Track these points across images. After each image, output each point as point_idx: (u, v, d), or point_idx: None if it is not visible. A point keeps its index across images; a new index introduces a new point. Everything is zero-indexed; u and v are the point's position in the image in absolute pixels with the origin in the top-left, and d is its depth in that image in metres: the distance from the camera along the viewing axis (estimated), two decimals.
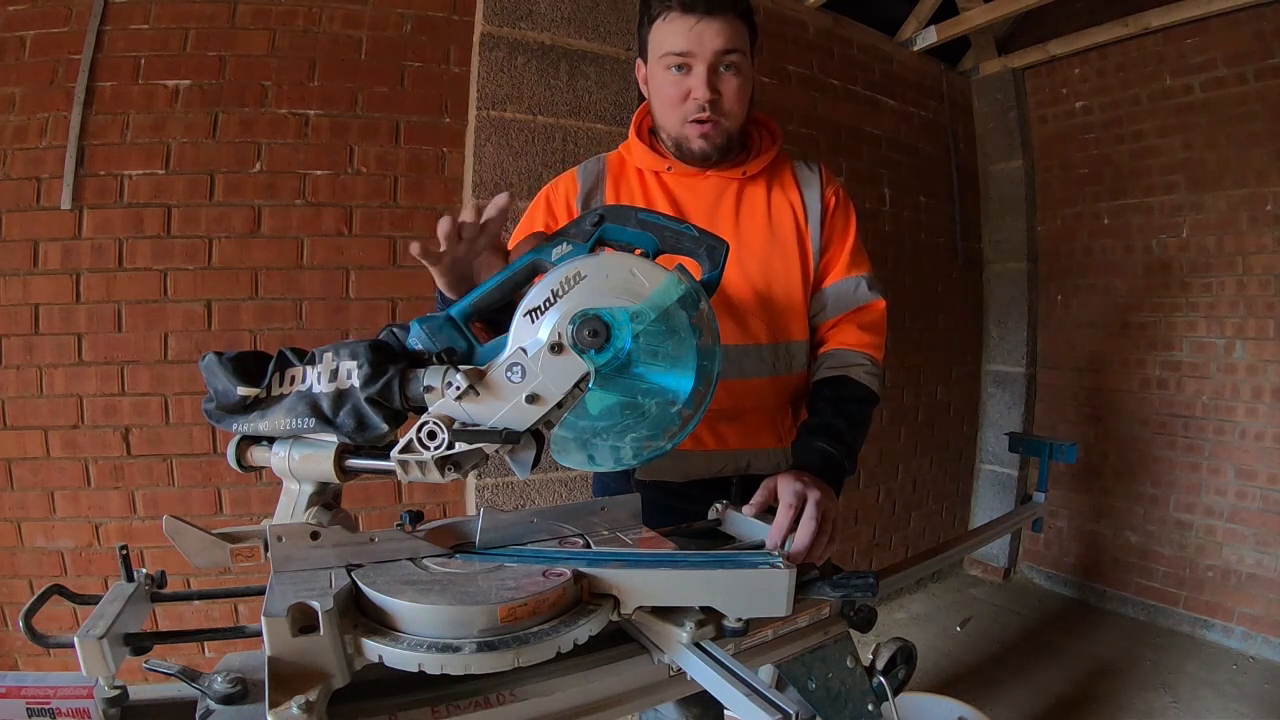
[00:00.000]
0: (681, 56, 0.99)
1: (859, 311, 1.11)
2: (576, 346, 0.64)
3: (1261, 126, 2.60)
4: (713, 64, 0.99)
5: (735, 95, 1.02)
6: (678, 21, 0.98)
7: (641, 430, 0.71)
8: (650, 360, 0.68)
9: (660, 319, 0.67)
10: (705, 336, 0.69)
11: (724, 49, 0.98)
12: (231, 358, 0.67)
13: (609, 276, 0.66)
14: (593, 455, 0.72)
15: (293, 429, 0.66)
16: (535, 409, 0.65)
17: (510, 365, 0.64)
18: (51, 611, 0.65)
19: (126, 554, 0.66)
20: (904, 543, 3.20)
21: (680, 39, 0.98)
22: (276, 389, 0.67)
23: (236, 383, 0.66)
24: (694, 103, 1.01)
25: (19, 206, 1.80)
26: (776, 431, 1.13)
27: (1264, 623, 2.59)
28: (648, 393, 0.69)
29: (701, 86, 0.99)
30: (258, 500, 1.95)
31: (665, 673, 0.68)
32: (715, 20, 0.97)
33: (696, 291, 0.69)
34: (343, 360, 0.66)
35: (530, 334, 0.66)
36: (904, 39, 3.08)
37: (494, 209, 0.76)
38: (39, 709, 0.56)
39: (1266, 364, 2.64)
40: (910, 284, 3.08)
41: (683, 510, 0.97)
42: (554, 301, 0.65)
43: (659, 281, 0.67)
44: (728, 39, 0.98)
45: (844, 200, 1.15)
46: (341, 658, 0.54)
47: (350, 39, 1.99)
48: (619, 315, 0.65)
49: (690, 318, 0.68)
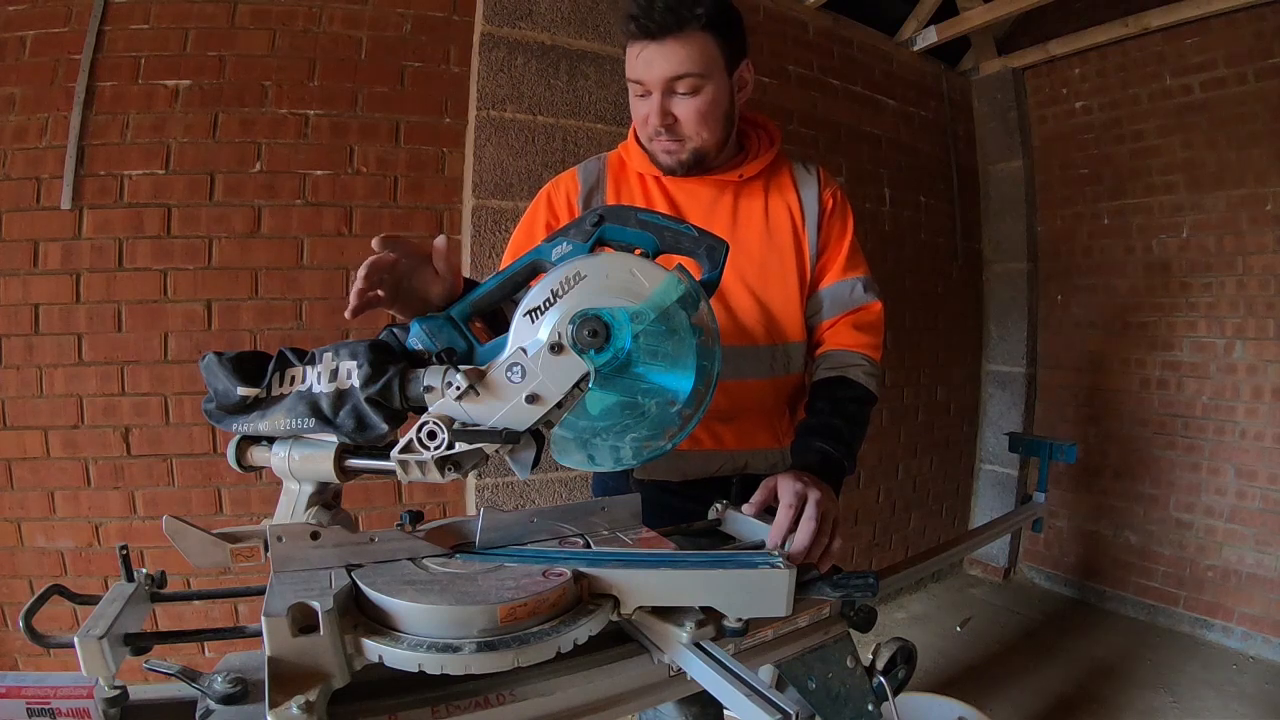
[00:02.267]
0: (638, 84, 1.00)
1: (856, 313, 1.12)
2: (576, 346, 0.64)
3: (1261, 126, 2.60)
4: (664, 89, 0.98)
5: (694, 117, 0.99)
6: (634, 47, 0.98)
7: (642, 430, 0.71)
8: (650, 360, 0.68)
9: (660, 319, 0.67)
10: (705, 336, 0.69)
11: (672, 75, 0.96)
12: (231, 358, 0.67)
13: (609, 276, 0.66)
14: (592, 455, 0.72)
15: (292, 429, 0.66)
16: (535, 409, 0.64)
17: (510, 365, 0.64)
18: (51, 611, 0.65)
19: (126, 554, 0.66)
20: (904, 543, 3.20)
21: (634, 65, 0.98)
22: (276, 389, 0.67)
23: (236, 383, 0.66)
24: (651, 127, 1.01)
25: (19, 206, 1.80)
26: (774, 432, 1.13)
27: (1264, 623, 2.59)
28: (648, 393, 0.69)
29: (655, 113, 0.99)
30: (258, 500, 1.95)
31: (665, 673, 0.68)
32: (665, 44, 0.94)
33: (696, 291, 0.69)
34: (343, 360, 0.66)
35: (530, 334, 0.66)
36: (904, 39, 3.08)
37: (376, 243, 0.72)
38: (39, 709, 0.56)
39: (1266, 364, 2.64)
40: (910, 284, 3.08)
41: (682, 509, 0.97)
42: (554, 301, 0.65)
43: (659, 281, 0.67)
44: (677, 63, 0.95)
45: (842, 202, 1.15)
46: (341, 658, 0.54)
47: (350, 39, 1.99)
48: (619, 315, 0.65)
49: (690, 317, 0.68)
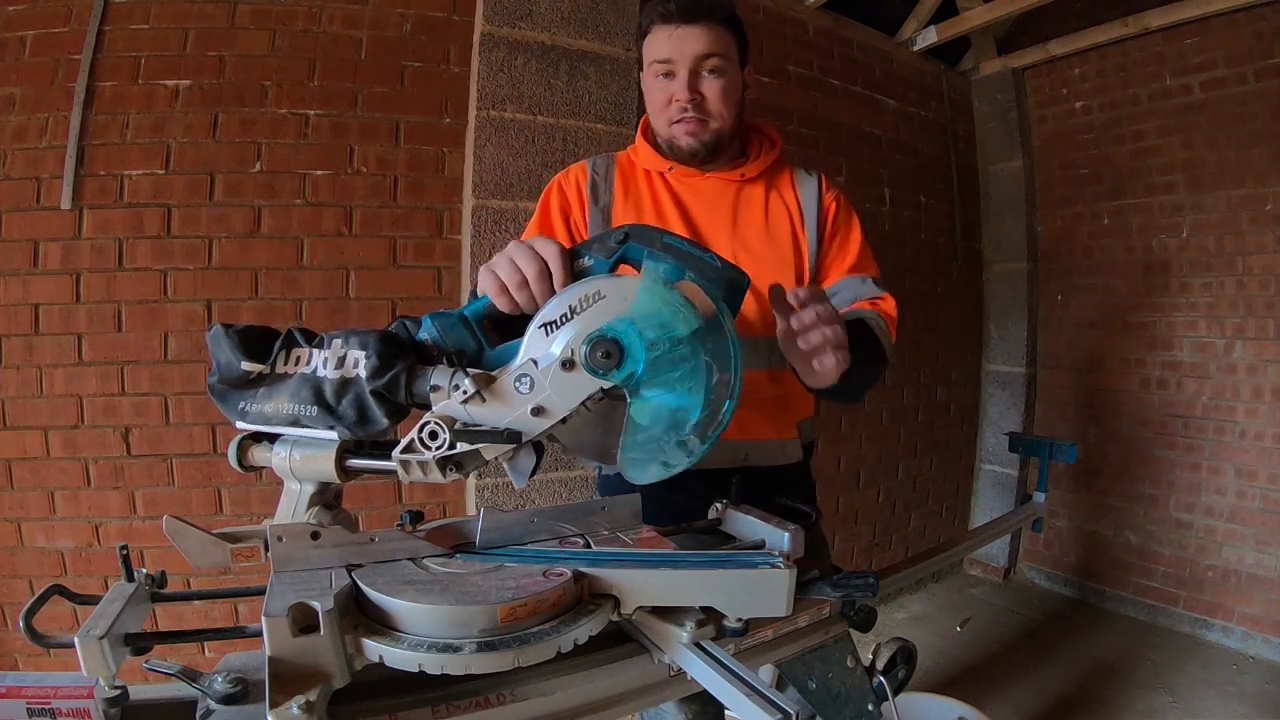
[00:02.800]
0: (665, 64, 1.05)
1: (868, 300, 1.13)
2: (588, 366, 0.64)
3: (1261, 126, 2.60)
4: (693, 68, 1.04)
5: (719, 96, 1.06)
6: (660, 31, 1.05)
7: (696, 415, 0.68)
8: (660, 386, 0.67)
9: (675, 346, 0.66)
10: (720, 371, 0.67)
11: (703, 53, 1.03)
12: (239, 330, 0.67)
13: (628, 299, 0.66)
14: (666, 461, 0.70)
15: (295, 414, 0.66)
16: (539, 421, 0.64)
17: (520, 375, 0.64)
18: (51, 611, 0.64)
19: (126, 554, 0.66)
20: (904, 543, 3.20)
21: (663, 46, 1.05)
22: (281, 367, 0.67)
23: (241, 356, 0.66)
24: (676, 105, 1.06)
25: (19, 206, 1.80)
26: (774, 424, 1.14)
27: (1264, 623, 2.59)
28: (681, 381, 0.67)
29: (682, 89, 1.05)
30: (258, 500, 1.95)
31: (665, 673, 0.68)
32: (694, 27, 1.03)
33: (716, 323, 0.68)
34: (352, 349, 0.65)
35: (543, 347, 0.65)
36: (904, 39, 3.08)
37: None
38: (39, 709, 0.56)
39: (1266, 364, 2.64)
40: (910, 284, 3.08)
41: (683, 507, 0.97)
42: (570, 317, 0.65)
43: (677, 310, 0.66)
44: (707, 44, 1.03)
45: (845, 206, 1.18)
46: (341, 658, 0.54)
47: (350, 39, 1.99)
48: (634, 340, 0.65)
49: (705, 350, 0.67)
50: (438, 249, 2.06)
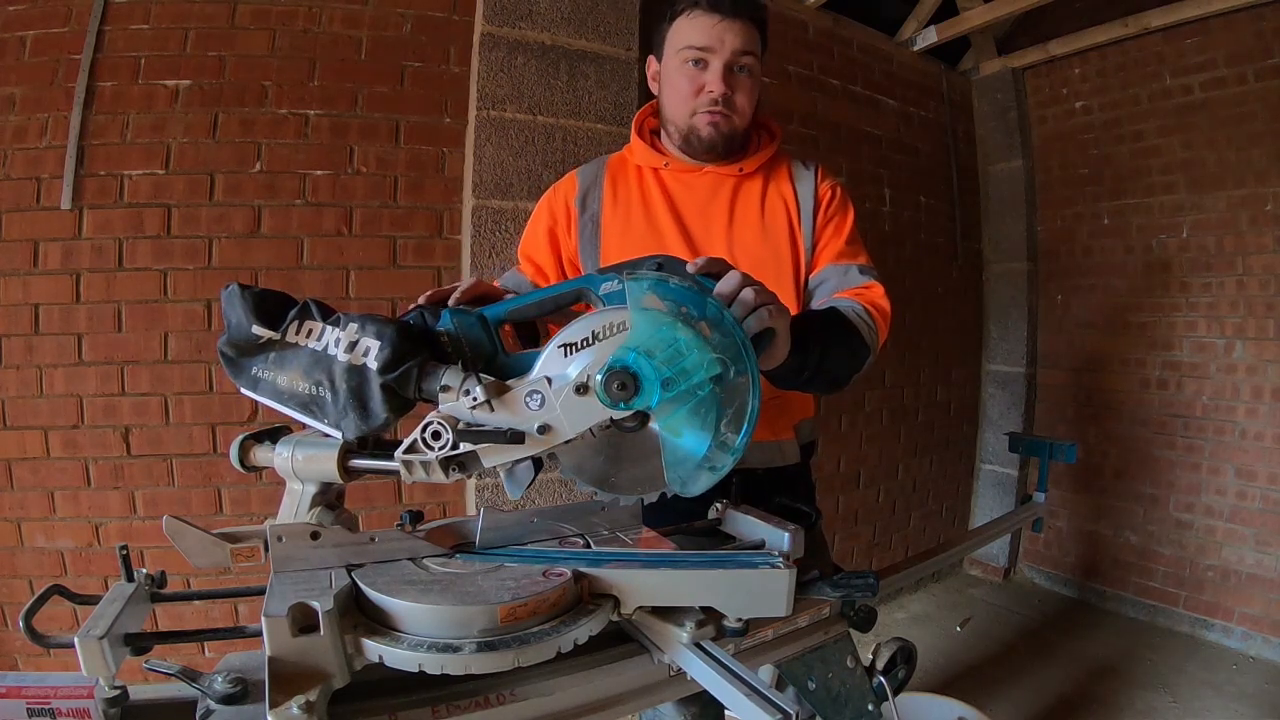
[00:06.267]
0: (701, 51, 1.03)
1: (853, 290, 1.09)
2: (602, 394, 0.64)
3: (1261, 126, 2.60)
4: (730, 62, 1.03)
5: (746, 95, 1.06)
6: (702, 19, 1.02)
7: (725, 411, 0.68)
8: (672, 421, 0.67)
9: (691, 391, 0.65)
10: (733, 422, 0.67)
11: (742, 50, 1.03)
12: (256, 293, 0.67)
13: (652, 336, 0.65)
14: (713, 466, 0.69)
15: (310, 394, 0.66)
16: (544, 439, 0.64)
17: (532, 391, 0.64)
18: (51, 611, 0.64)
19: (126, 554, 0.66)
20: (904, 543, 3.20)
21: (702, 34, 1.03)
22: (291, 336, 0.67)
23: (253, 320, 0.66)
24: (707, 96, 1.05)
25: (19, 206, 1.80)
26: (771, 426, 1.13)
27: (1264, 623, 2.59)
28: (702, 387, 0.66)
29: (717, 80, 1.04)
30: (258, 500, 1.95)
31: (665, 673, 0.68)
32: (737, 21, 1.02)
33: (735, 378, 0.67)
34: (366, 337, 0.65)
35: (560, 367, 0.65)
36: (904, 39, 3.08)
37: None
38: (39, 709, 0.56)
39: (1266, 364, 2.64)
40: (910, 284, 3.07)
41: (683, 508, 0.97)
42: (591, 343, 0.65)
43: (699, 355, 0.65)
44: (746, 41, 1.03)
45: (840, 196, 1.15)
46: (341, 658, 0.54)
47: (350, 39, 1.98)
48: (650, 378, 0.64)
49: (721, 399, 0.67)
50: (438, 249, 2.06)
